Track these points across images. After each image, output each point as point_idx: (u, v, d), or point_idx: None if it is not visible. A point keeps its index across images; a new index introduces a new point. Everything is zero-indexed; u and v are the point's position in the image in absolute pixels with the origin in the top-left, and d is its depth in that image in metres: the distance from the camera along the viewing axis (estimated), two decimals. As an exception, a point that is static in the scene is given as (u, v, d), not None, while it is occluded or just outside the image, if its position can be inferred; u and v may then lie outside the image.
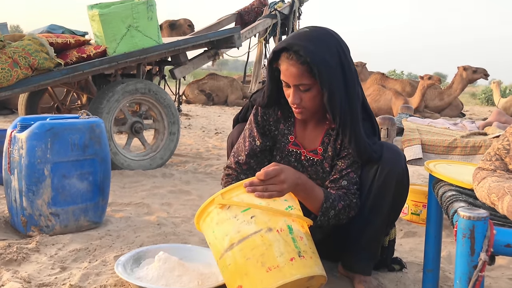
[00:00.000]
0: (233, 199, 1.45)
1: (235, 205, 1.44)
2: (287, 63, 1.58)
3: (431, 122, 2.88)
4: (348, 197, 1.66)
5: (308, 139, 1.80)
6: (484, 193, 1.28)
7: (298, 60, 1.55)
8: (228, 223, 1.43)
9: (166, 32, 7.40)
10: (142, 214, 2.64)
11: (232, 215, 1.43)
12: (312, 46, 1.55)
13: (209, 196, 1.51)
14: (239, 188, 1.47)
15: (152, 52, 3.81)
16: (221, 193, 1.46)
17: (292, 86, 1.61)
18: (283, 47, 1.59)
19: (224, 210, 1.45)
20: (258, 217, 1.42)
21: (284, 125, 1.82)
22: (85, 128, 2.26)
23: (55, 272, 1.81)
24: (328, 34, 1.63)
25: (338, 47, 1.60)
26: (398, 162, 1.70)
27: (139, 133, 4.00)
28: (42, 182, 2.16)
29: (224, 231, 1.43)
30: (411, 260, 2.12)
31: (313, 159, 1.78)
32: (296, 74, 1.57)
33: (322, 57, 1.54)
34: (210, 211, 1.48)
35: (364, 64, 12.63)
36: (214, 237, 1.47)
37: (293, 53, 1.56)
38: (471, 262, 1.02)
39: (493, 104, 14.71)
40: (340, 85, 1.59)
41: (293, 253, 1.41)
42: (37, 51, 3.33)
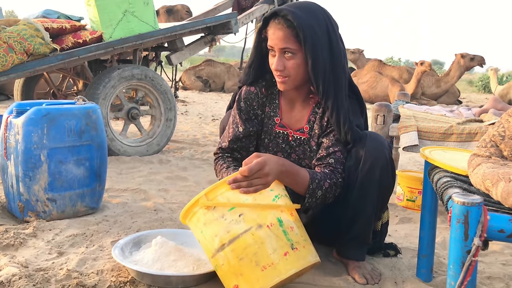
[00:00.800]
0: (218, 198, 1.42)
1: (221, 206, 1.41)
2: (275, 27, 1.63)
3: (428, 109, 2.89)
4: (334, 175, 1.67)
5: (294, 119, 1.82)
6: (479, 179, 1.29)
7: (285, 24, 1.60)
8: (216, 223, 1.41)
9: (163, 18, 7.35)
10: (139, 200, 2.65)
11: (219, 215, 1.40)
12: (300, 13, 1.61)
13: (206, 183, 1.51)
14: (223, 186, 1.43)
15: (149, 37, 3.79)
16: (205, 193, 1.42)
17: (277, 51, 1.64)
18: (273, 12, 1.65)
19: (210, 210, 1.42)
20: (246, 214, 1.40)
21: (270, 107, 1.84)
22: (81, 114, 2.26)
23: (52, 257, 1.82)
24: (319, 7, 1.69)
25: (327, 20, 1.65)
26: (381, 152, 1.70)
27: (136, 119, 4.00)
28: (38, 167, 2.16)
29: (213, 232, 1.41)
30: (406, 245, 2.14)
31: (300, 138, 1.80)
32: (282, 37, 1.61)
33: (309, 24, 1.60)
34: (196, 211, 1.45)
35: (361, 51, 12.59)
36: (203, 237, 1.45)
37: (281, 17, 1.61)
38: (464, 247, 1.04)
39: (490, 91, 14.73)
40: (325, 54, 1.62)
41: (286, 247, 1.41)
42: (33, 36, 3.30)
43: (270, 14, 1.66)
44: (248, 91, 1.85)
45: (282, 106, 1.83)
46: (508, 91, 11.25)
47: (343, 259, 1.85)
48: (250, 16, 4.91)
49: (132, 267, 1.63)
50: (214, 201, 1.41)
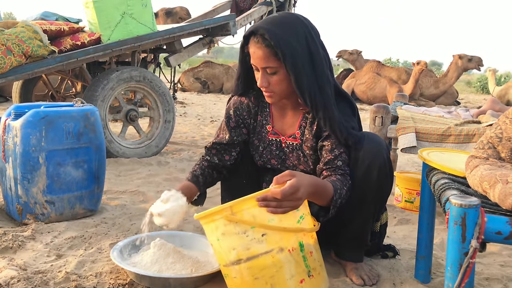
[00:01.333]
0: (244, 213, 1.35)
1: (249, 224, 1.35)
2: (254, 46, 1.63)
3: (426, 110, 2.89)
4: (346, 180, 1.67)
5: (286, 125, 1.83)
6: (476, 181, 1.29)
7: (263, 43, 1.60)
8: (236, 237, 1.36)
9: (162, 20, 7.35)
10: (137, 202, 2.65)
11: (242, 230, 1.36)
12: (277, 30, 1.59)
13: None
14: (251, 202, 1.36)
15: (147, 39, 3.79)
16: (231, 205, 1.36)
17: (260, 69, 1.65)
18: (251, 31, 1.64)
19: (233, 223, 1.36)
20: (270, 235, 1.36)
21: (261, 116, 1.87)
22: (79, 116, 2.26)
23: (51, 259, 1.82)
24: (296, 19, 1.66)
25: (306, 32, 1.63)
26: (379, 153, 1.69)
27: (134, 121, 4.00)
28: (37, 170, 2.16)
29: (231, 245, 1.37)
30: (404, 247, 2.14)
31: (293, 143, 1.82)
32: (262, 56, 1.61)
33: (287, 41, 1.58)
34: (216, 219, 1.38)
35: (359, 52, 12.60)
36: (218, 246, 1.41)
37: (259, 36, 1.60)
38: (462, 249, 1.04)
39: (488, 92, 14.75)
40: (307, 68, 1.62)
41: (303, 274, 1.40)
42: (31, 38, 3.30)
43: (249, 32, 1.65)
44: (239, 101, 1.89)
45: (273, 113, 1.85)
46: (506, 92, 11.27)
47: (341, 260, 1.85)
48: (249, 18, 4.92)
49: (130, 269, 1.64)
50: (238, 216, 1.35)
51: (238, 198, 1.37)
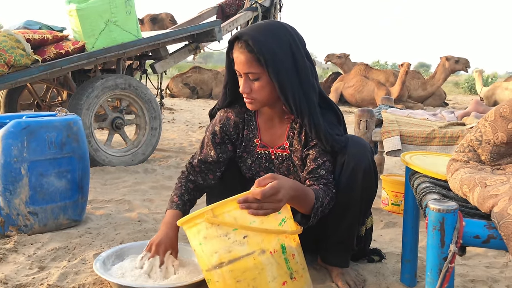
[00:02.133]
0: (225, 216, 1.36)
1: (231, 226, 1.35)
2: (237, 51, 1.63)
3: (410, 113, 2.90)
4: (329, 189, 1.67)
5: (274, 137, 1.82)
6: (456, 184, 1.29)
7: (246, 49, 1.60)
8: (218, 240, 1.36)
9: (148, 26, 7.34)
10: (123, 211, 2.63)
11: (223, 233, 1.35)
12: (261, 37, 1.59)
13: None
14: (232, 204, 1.37)
15: (132, 46, 3.78)
16: (212, 208, 1.36)
17: (242, 75, 1.65)
18: (235, 36, 1.65)
19: (214, 226, 1.36)
20: (251, 237, 1.36)
21: (248, 129, 1.84)
22: (62, 126, 2.24)
23: (33, 272, 1.79)
24: (281, 27, 1.67)
25: (290, 39, 1.63)
26: (363, 155, 1.70)
27: (120, 128, 3.97)
28: (19, 181, 2.13)
29: (213, 248, 1.37)
30: (391, 250, 2.14)
31: (282, 154, 1.80)
32: (245, 61, 1.61)
33: (270, 47, 1.58)
34: (198, 223, 1.39)
35: (347, 55, 12.65)
36: (200, 250, 1.40)
37: (243, 42, 1.61)
38: (441, 254, 1.04)
39: (476, 93, 14.88)
40: (291, 75, 1.61)
41: (285, 276, 1.40)
42: (13, 47, 3.27)
43: (234, 37, 1.65)
44: (225, 117, 1.84)
45: (260, 126, 1.83)
46: (493, 92, 11.37)
47: (327, 265, 1.85)
48: (234, 24, 4.92)
49: (113, 280, 1.62)
50: (220, 218, 1.36)
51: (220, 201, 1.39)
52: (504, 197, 1.07)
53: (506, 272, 1.95)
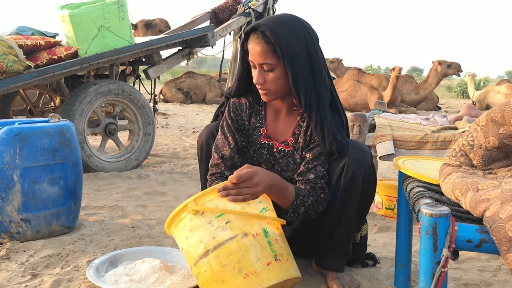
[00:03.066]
0: (207, 205, 1.43)
1: (209, 211, 1.41)
2: (254, 41, 1.64)
3: (403, 118, 2.91)
4: (316, 192, 1.68)
5: (279, 130, 1.82)
6: (449, 189, 1.30)
7: (263, 39, 1.62)
8: (202, 229, 1.41)
9: (142, 32, 7.33)
10: (116, 217, 2.62)
11: (206, 221, 1.41)
12: (278, 28, 1.62)
13: (186, 197, 1.50)
14: (213, 193, 1.44)
15: (125, 52, 3.77)
16: (194, 198, 1.43)
17: (257, 66, 1.66)
18: (253, 27, 1.66)
19: (198, 216, 1.42)
20: (233, 222, 1.41)
21: (255, 118, 1.84)
22: (54, 132, 2.23)
23: (26, 279, 1.78)
24: (298, 21, 1.69)
25: (306, 34, 1.66)
26: (364, 160, 1.71)
27: (113, 134, 3.96)
28: (11, 188, 2.12)
29: (199, 238, 1.41)
30: (385, 255, 2.15)
31: (285, 150, 1.80)
32: (260, 52, 1.63)
33: (287, 39, 1.61)
34: (183, 217, 1.45)
35: (340, 60, 12.70)
36: (187, 244, 1.44)
37: (260, 33, 1.63)
38: (434, 259, 1.04)
39: (468, 97, 14.96)
40: (305, 68, 1.64)
41: (270, 257, 1.41)
42: (5, 53, 3.26)
43: (250, 28, 1.67)
44: (238, 102, 1.85)
45: (267, 117, 1.83)
46: (485, 96, 11.45)
47: (322, 270, 1.85)
48: (228, 29, 4.93)
49: (106, 287, 1.61)
50: (202, 207, 1.42)
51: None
52: (496, 201, 1.08)
53: (499, 275, 1.96)
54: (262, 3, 5.24)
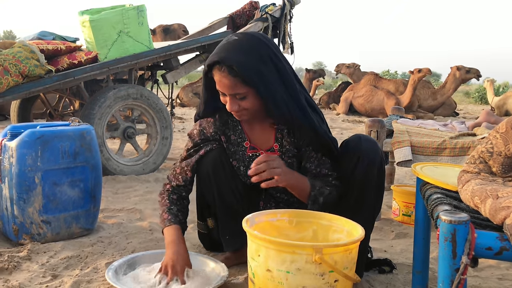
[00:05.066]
0: (328, 257, 1.35)
1: (326, 265, 1.35)
2: (220, 75, 1.61)
3: (421, 124, 2.90)
4: (328, 181, 1.74)
5: (261, 140, 1.84)
6: (468, 196, 1.29)
7: (230, 73, 1.59)
8: (312, 277, 1.36)
9: (160, 37, 7.40)
10: (134, 220, 2.65)
11: (320, 272, 1.36)
12: (243, 59, 1.58)
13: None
14: (340, 248, 1.38)
15: (143, 57, 3.82)
16: (323, 246, 1.35)
17: (228, 95, 1.65)
18: (215, 61, 1.61)
19: (315, 263, 1.35)
20: (341, 282, 1.39)
21: (234, 135, 1.85)
22: (75, 136, 2.27)
23: (46, 280, 1.81)
24: (258, 40, 1.65)
25: (269, 51, 1.63)
26: (376, 152, 1.75)
27: (132, 138, 4.01)
28: (33, 190, 2.16)
29: (303, 282, 1.36)
30: (402, 261, 2.13)
31: None
32: (230, 85, 1.61)
33: (255, 68, 1.58)
34: (298, 253, 1.35)
35: (357, 66, 12.66)
36: (284, 277, 1.37)
37: (226, 67, 1.59)
38: (453, 265, 1.04)
39: (486, 102, 14.78)
40: (278, 86, 1.63)
41: None
42: (28, 58, 3.33)
43: (213, 62, 1.62)
44: (205, 120, 1.85)
45: (245, 129, 1.85)
46: (504, 102, 11.29)
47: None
48: (245, 34, 4.94)
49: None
50: (325, 258, 1.34)
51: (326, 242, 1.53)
52: (516, 209, 1.07)
53: (518, 284, 1.93)
54: (279, 8, 5.24)
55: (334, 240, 1.58)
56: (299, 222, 1.64)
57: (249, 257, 1.47)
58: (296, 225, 1.63)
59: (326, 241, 1.59)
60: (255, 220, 1.56)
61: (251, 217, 1.54)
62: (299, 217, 1.64)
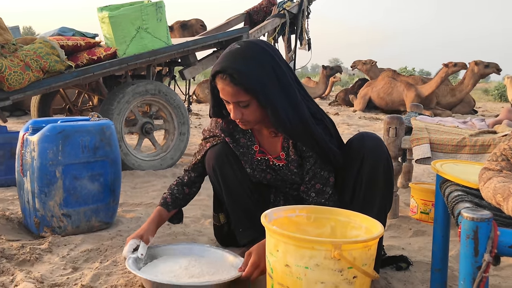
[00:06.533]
0: (348, 253, 1.34)
1: (346, 261, 1.34)
2: (223, 83, 1.63)
3: (440, 121, 2.87)
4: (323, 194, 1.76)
5: (269, 146, 1.87)
6: (489, 193, 1.28)
7: (232, 82, 1.60)
8: (330, 273, 1.36)
9: (178, 33, 7.42)
10: (152, 215, 2.67)
11: (339, 268, 1.35)
12: (245, 68, 1.59)
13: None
14: (359, 245, 1.37)
15: (162, 53, 3.85)
16: (342, 242, 1.34)
17: (231, 103, 1.66)
18: (217, 70, 1.63)
19: (334, 259, 1.34)
20: (359, 278, 1.39)
21: (245, 138, 1.88)
22: (95, 130, 2.30)
23: (67, 272, 1.84)
24: (261, 49, 1.65)
25: (271, 60, 1.64)
26: (381, 149, 1.73)
27: (150, 133, 4.04)
28: (54, 183, 2.19)
29: (322, 277, 1.36)
30: (420, 259, 2.12)
31: (279, 164, 1.85)
32: (232, 93, 1.62)
33: (256, 77, 1.59)
34: (317, 249, 1.35)
35: (374, 62, 12.56)
36: (302, 272, 1.37)
37: (228, 75, 1.60)
38: (475, 263, 1.03)
39: (506, 100, 14.57)
40: (280, 97, 1.63)
41: None
42: (48, 54, 3.37)
43: (215, 71, 1.65)
44: (215, 120, 1.93)
45: (255, 134, 1.88)
46: (525, 99, 11.11)
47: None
48: (262, 30, 4.95)
49: (144, 276, 1.63)
50: (344, 254, 1.34)
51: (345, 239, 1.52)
52: (539, 207, 1.06)
53: (539, 283, 1.91)
54: (297, 4, 5.23)
55: (352, 236, 1.57)
56: (317, 218, 1.63)
57: (268, 252, 1.48)
58: (314, 221, 1.63)
59: (344, 237, 1.59)
60: (273, 215, 1.56)
61: (270, 212, 1.55)
62: (317, 213, 1.64)
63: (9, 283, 1.71)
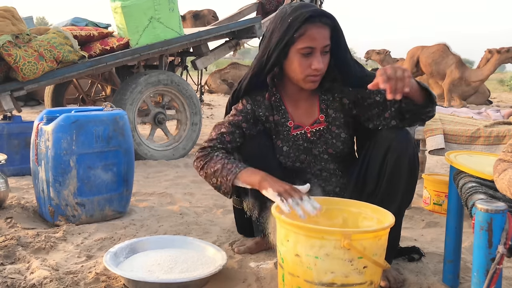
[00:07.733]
0: (358, 243, 1.35)
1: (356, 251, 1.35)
2: (316, 26, 1.68)
3: (454, 111, 2.85)
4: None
5: (305, 115, 1.84)
6: (504, 185, 1.27)
7: (326, 23, 1.69)
8: (340, 262, 1.36)
9: (190, 23, 7.43)
10: (165, 204, 2.69)
11: (349, 258, 1.36)
12: (327, 13, 1.73)
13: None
14: (369, 234, 1.38)
15: (174, 43, 3.85)
16: (352, 232, 1.35)
17: (318, 51, 1.68)
18: (320, 13, 1.71)
19: (344, 249, 1.34)
20: (370, 268, 1.39)
21: (278, 115, 1.84)
22: (109, 120, 2.31)
23: (82, 260, 1.87)
24: None
25: None
26: (408, 141, 1.70)
27: (162, 123, 4.06)
28: (68, 173, 2.22)
29: (332, 267, 1.37)
30: (432, 250, 2.11)
31: (319, 129, 1.82)
32: (325, 35, 1.69)
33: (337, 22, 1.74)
34: (326, 238, 1.36)
35: (387, 52, 12.43)
36: (312, 262, 1.38)
37: (326, 17, 1.69)
38: (488, 255, 1.02)
39: (522, 90, 14.35)
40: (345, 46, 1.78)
41: None
42: (62, 44, 3.40)
43: (318, 13, 1.69)
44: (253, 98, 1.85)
45: (288, 109, 1.85)
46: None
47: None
48: (274, 20, 4.92)
49: (120, 273, 1.65)
50: (354, 244, 1.34)
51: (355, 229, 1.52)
52: (555, 198, 1.05)
53: (553, 276, 1.89)
54: (310, -7, 5.19)
55: (363, 227, 1.57)
56: (329, 210, 1.63)
57: (278, 242, 1.49)
58: (326, 212, 1.63)
59: (356, 228, 1.59)
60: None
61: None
62: (329, 205, 1.63)
63: (25, 270, 1.74)
